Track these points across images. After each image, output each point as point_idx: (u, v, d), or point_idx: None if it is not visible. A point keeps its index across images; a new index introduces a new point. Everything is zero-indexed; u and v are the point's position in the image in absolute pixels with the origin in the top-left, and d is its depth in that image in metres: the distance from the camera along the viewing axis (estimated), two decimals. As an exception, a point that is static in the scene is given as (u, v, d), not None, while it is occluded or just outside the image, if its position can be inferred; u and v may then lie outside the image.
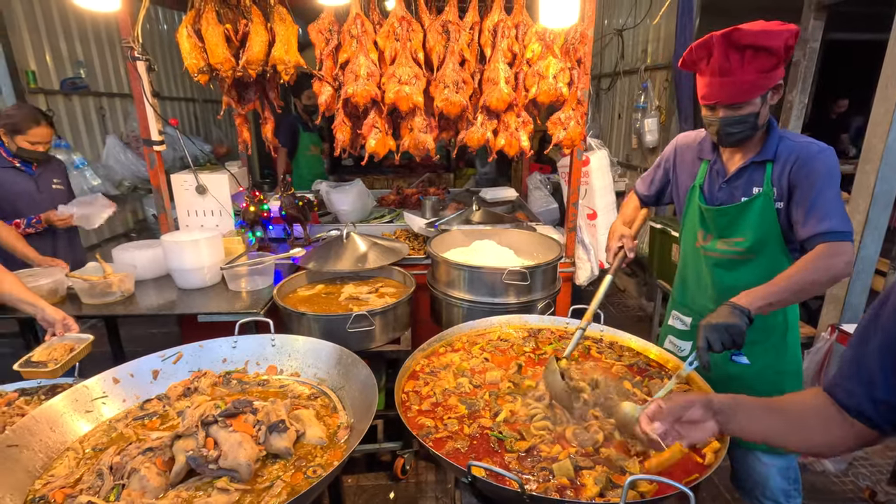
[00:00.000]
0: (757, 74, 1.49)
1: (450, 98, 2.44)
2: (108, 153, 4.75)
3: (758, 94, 1.52)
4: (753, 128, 1.59)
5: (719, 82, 1.53)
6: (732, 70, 1.49)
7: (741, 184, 1.70)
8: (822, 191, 1.53)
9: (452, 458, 1.32)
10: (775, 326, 1.77)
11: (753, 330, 1.66)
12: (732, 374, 1.77)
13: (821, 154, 1.58)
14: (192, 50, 2.31)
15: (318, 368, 1.81)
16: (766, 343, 1.77)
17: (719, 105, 1.57)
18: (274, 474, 1.33)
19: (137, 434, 1.49)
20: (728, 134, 1.61)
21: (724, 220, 1.74)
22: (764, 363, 1.77)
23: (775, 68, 1.50)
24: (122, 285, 2.48)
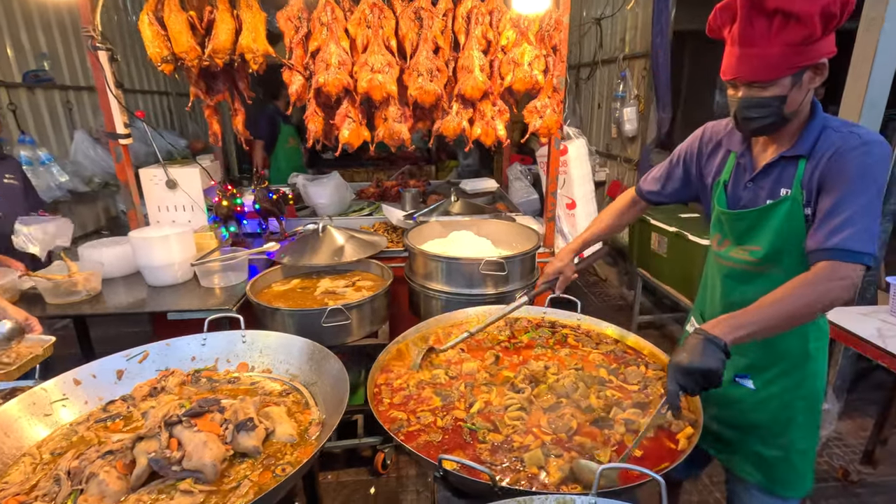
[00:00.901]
0: (785, 47, 1.19)
1: (424, 86, 2.40)
2: (77, 149, 4.60)
3: (786, 72, 1.22)
4: (778, 114, 1.29)
5: (740, 54, 1.25)
6: (756, 40, 1.21)
7: (768, 183, 1.42)
8: (848, 195, 1.24)
9: (424, 452, 1.30)
10: (788, 356, 1.50)
11: (759, 353, 1.49)
12: (734, 398, 1.58)
13: (862, 147, 1.25)
14: (155, 38, 2.23)
15: (291, 364, 1.77)
16: (774, 370, 1.52)
17: (739, 82, 1.29)
18: (241, 474, 1.29)
19: (99, 437, 1.43)
20: (746, 119, 1.33)
21: (743, 225, 1.48)
22: (771, 392, 1.53)
23: (811, 42, 1.18)
24: (88, 284, 2.40)
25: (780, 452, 1.52)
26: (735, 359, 1.53)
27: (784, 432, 1.52)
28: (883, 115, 2.64)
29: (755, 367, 1.55)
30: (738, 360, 1.56)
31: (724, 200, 1.53)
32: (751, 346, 1.48)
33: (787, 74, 1.23)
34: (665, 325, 4.40)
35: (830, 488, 2.63)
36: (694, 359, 1.17)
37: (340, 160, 6.75)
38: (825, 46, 1.22)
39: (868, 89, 2.55)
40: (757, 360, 1.54)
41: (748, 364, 1.56)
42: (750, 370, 1.56)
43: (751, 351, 1.53)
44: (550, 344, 1.86)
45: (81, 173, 4.56)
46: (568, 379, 1.58)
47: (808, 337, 1.49)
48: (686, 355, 1.18)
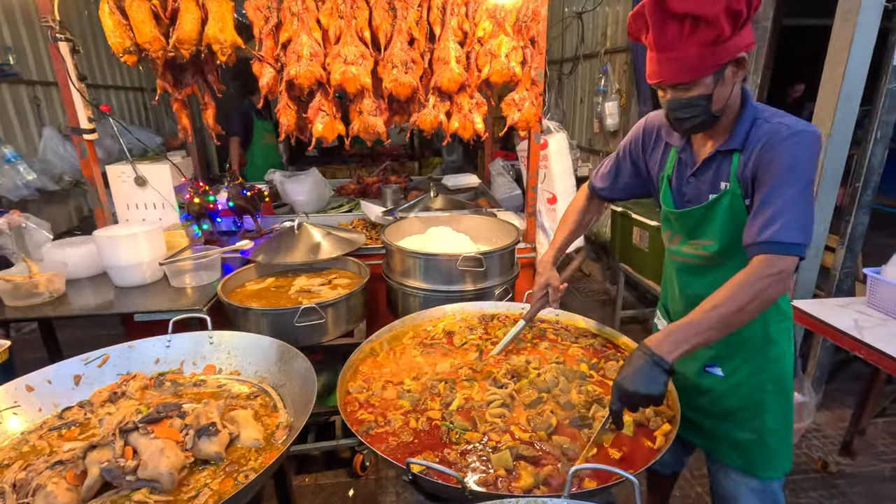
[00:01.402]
0: (700, 48, 1.20)
1: (399, 79, 2.34)
2: (46, 146, 4.45)
3: (706, 71, 1.24)
4: (706, 113, 1.30)
5: (659, 58, 1.27)
6: (671, 44, 1.23)
7: (708, 178, 1.43)
8: (777, 187, 1.24)
9: (393, 454, 1.25)
10: (751, 342, 1.53)
11: (723, 342, 1.46)
12: (705, 386, 1.61)
13: (790, 139, 1.26)
14: (116, 28, 2.13)
15: (260, 366, 1.71)
16: (739, 357, 1.56)
17: (664, 85, 1.31)
18: (201, 482, 1.23)
19: (52, 446, 1.36)
20: (678, 119, 1.34)
21: (691, 221, 1.50)
22: (739, 378, 1.56)
23: (724, 40, 1.20)
24: (51, 285, 2.30)
25: (754, 435, 1.55)
26: (702, 351, 1.56)
27: (756, 415, 1.55)
28: (858, 109, 2.65)
29: (721, 356, 1.58)
30: (705, 352, 1.58)
31: (670, 198, 1.54)
32: None
33: (707, 73, 1.25)
34: (648, 318, 4.41)
35: (810, 480, 2.64)
36: (639, 384, 1.19)
37: (322, 157, 6.70)
38: (741, 41, 1.23)
39: (843, 84, 2.56)
40: (722, 349, 1.57)
41: (715, 354, 1.58)
42: (717, 359, 1.59)
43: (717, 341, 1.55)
44: (529, 339, 1.82)
45: (51, 171, 4.41)
46: (549, 374, 1.55)
47: (767, 321, 1.52)
48: (631, 379, 1.20)
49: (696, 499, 2.53)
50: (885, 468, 2.71)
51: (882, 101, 2.64)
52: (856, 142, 2.74)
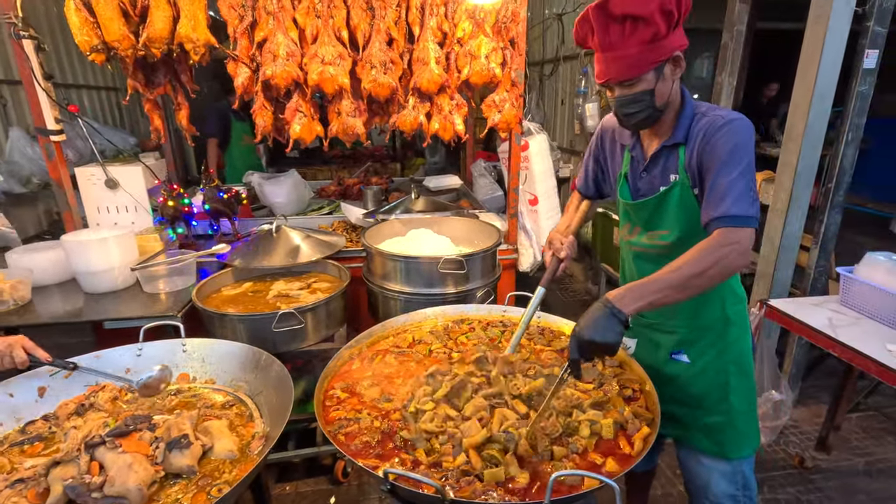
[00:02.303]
0: (640, 46, 1.31)
1: (378, 79, 2.31)
2: (12, 147, 4.30)
3: (647, 68, 1.34)
4: (651, 107, 1.40)
5: (604, 58, 1.37)
6: (614, 44, 1.33)
7: (658, 172, 1.54)
8: (721, 170, 1.35)
9: (373, 465, 1.22)
10: (712, 325, 1.61)
11: (685, 327, 1.62)
12: (672, 374, 1.66)
13: (725, 127, 1.37)
14: (83, 25, 2.06)
15: (235, 374, 1.66)
16: (703, 341, 1.63)
17: (611, 83, 1.41)
18: (172, 497, 1.19)
19: (13, 463, 1.30)
20: (626, 115, 1.44)
21: (646, 213, 1.59)
22: (705, 362, 1.63)
23: (659, 38, 1.30)
24: (15, 292, 2.21)
25: (723, 417, 1.61)
26: (666, 338, 1.68)
27: (723, 398, 1.61)
28: (830, 110, 2.71)
29: (686, 342, 1.64)
30: (669, 339, 1.67)
31: (627, 192, 1.63)
32: (678, 324, 1.64)
33: (648, 70, 1.35)
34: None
35: (787, 476, 2.68)
36: (595, 333, 1.24)
37: (302, 158, 6.60)
38: (675, 41, 1.34)
39: (816, 86, 2.61)
40: (685, 335, 1.63)
41: (679, 340, 1.65)
42: (682, 345, 1.65)
43: (679, 328, 1.64)
44: (496, 343, 1.80)
45: (18, 173, 4.26)
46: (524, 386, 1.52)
47: (724, 303, 1.60)
48: (588, 328, 1.25)
49: (679, 496, 2.55)
50: (860, 462, 2.77)
51: (853, 104, 2.70)
52: (828, 143, 2.80)
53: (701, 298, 1.52)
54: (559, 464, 1.21)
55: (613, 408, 1.40)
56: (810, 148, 2.71)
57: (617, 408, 1.40)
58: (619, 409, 1.40)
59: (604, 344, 1.24)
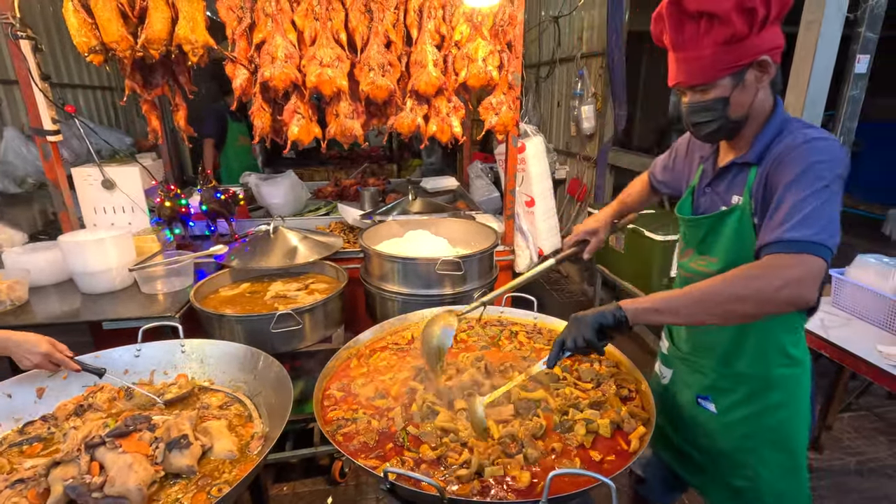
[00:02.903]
0: (716, 48, 1.16)
1: (376, 81, 2.32)
2: (7, 147, 4.27)
3: (722, 73, 1.18)
4: (723, 118, 1.23)
5: (676, 59, 1.25)
6: (686, 44, 1.20)
7: (722, 189, 1.36)
8: (789, 189, 1.13)
9: (372, 465, 1.23)
10: (746, 379, 1.39)
11: (715, 372, 1.43)
12: (699, 420, 1.50)
13: (804, 146, 1.16)
14: (82, 27, 2.06)
15: (233, 374, 1.67)
16: (734, 395, 1.41)
17: (682, 87, 1.28)
18: (172, 497, 1.20)
19: (12, 463, 1.30)
20: (695, 124, 1.29)
21: (699, 232, 1.40)
22: (733, 419, 1.42)
23: (738, 40, 1.14)
24: (13, 293, 2.21)
25: (748, 483, 1.44)
26: (695, 377, 1.50)
27: (749, 463, 1.43)
28: (822, 114, 2.75)
29: (716, 389, 1.46)
30: (699, 380, 1.49)
31: (689, 206, 1.47)
32: (708, 365, 1.46)
33: (723, 75, 1.19)
34: (624, 319, 4.47)
35: (780, 474, 2.71)
36: (588, 314, 1.20)
37: (299, 159, 6.61)
38: (762, 42, 1.15)
39: (808, 89, 2.65)
40: (716, 381, 1.45)
41: (709, 385, 1.47)
42: (710, 391, 1.47)
43: (709, 370, 1.46)
44: (495, 341, 1.82)
45: (13, 173, 4.23)
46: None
47: (768, 359, 1.37)
48: (584, 312, 1.21)
49: None
50: (851, 461, 2.80)
51: (845, 108, 2.74)
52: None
53: (736, 344, 1.38)
54: (557, 462, 1.23)
55: (611, 407, 1.42)
56: (803, 151, 2.75)
57: (614, 407, 1.42)
58: (616, 409, 1.41)
59: (588, 322, 1.17)
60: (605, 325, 1.17)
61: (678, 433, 1.41)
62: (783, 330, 1.35)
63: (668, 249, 3.31)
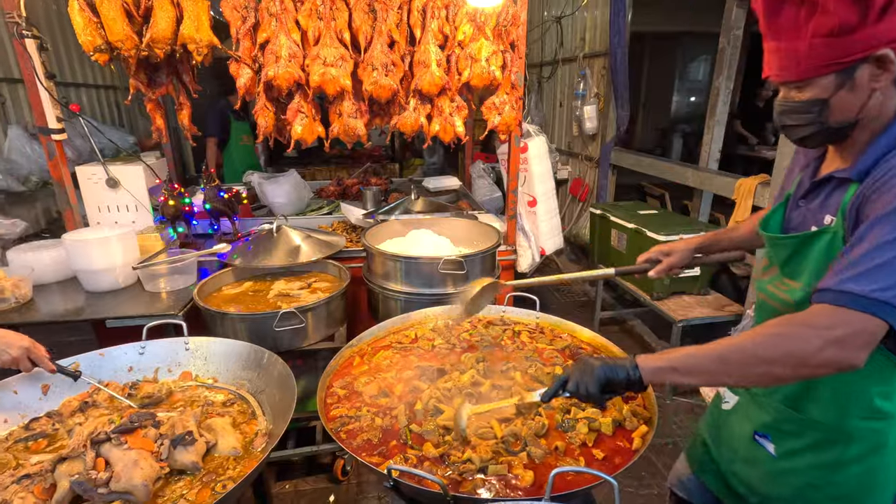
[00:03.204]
0: (815, 39, 0.96)
1: (379, 81, 2.33)
2: (11, 146, 4.29)
3: (823, 70, 0.98)
4: (818, 123, 1.04)
5: (768, 48, 1.06)
6: (782, 31, 1.01)
7: (816, 206, 1.15)
8: (878, 224, 0.93)
9: (376, 462, 1.24)
10: (817, 426, 1.18)
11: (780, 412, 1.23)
12: (755, 458, 1.31)
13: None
14: (87, 26, 2.07)
15: (237, 372, 1.68)
16: (799, 440, 1.21)
17: (773, 81, 1.09)
18: (177, 493, 1.21)
19: (18, 459, 1.31)
20: (785, 127, 1.11)
21: (782, 253, 1.20)
22: (794, 465, 1.22)
23: (847, 31, 0.94)
24: (17, 290, 2.22)
25: None
26: (757, 413, 1.30)
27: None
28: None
29: (777, 430, 1.26)
30: (759, 415, 1.30)
31: (779, 220, 1.26)
32: (771, 403, 1.25)
33: (824, 73, 0.99)
34: (626, 320, 4.47)
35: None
36: (598, 360, 1.09)
37: (301, 158, 6.62)
38: (881, 33, 0.93)
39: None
40: (779, 421, 1.25)
41: (769, 423, 1.27)
42: (771, 431, 1.27)
43: (770, 407, 1.26)
44: (498, 341, 1.82)
45: (17, 172, 4.26)
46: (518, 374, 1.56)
47: (847, 412, 1.14)
48: (597, 359, 1.11)
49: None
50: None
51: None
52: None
53: (806, 387, 1.17)
54: (560, 460, 1.24)
55: (612, 406, 1.42)
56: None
57: (616, 406, 1.42)
58: (618, 407, 1.42)
59: (590, 371, 1.06)
60: (615, 381, 1.06)
61: (729, 464, 1.28)
62: (871, 380, 1.10)
63: (670, 250, 3.31)
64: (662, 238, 3.29)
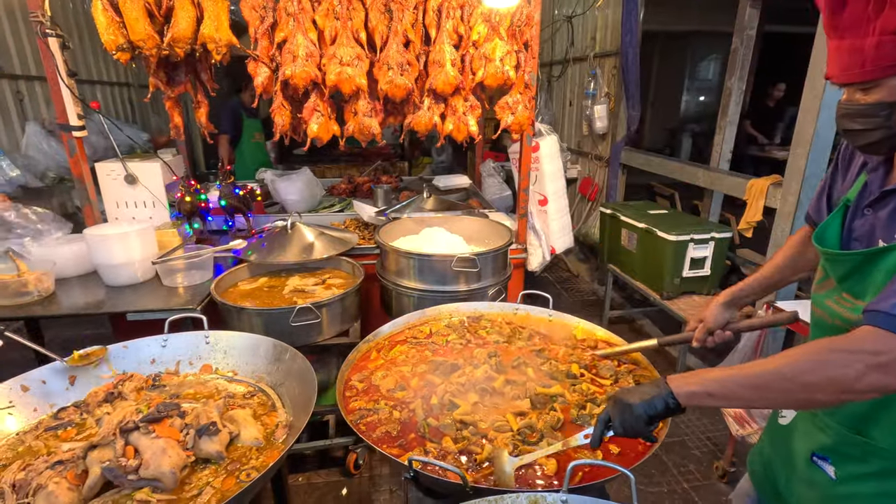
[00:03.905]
0: (884, 37, 0.91)
1: (394, 80, 2.35)
2: (28, 142, 4.36)
3: (892, 70, 0.93)
4: (886, 127, 0.98)
5: (831, 47, 1.01)
6: (846, 28, 0.96)
7: (885, 216, 1.05)
8: None
9: (396, 454, 1.27)
10: (884, 450, 1.08)
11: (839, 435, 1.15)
12: (811, 480, 1.22)
13: None
14: (109, 25, 2.11)
15: (257, 365, 1.71)
16: (865, 464, 1.11)
17: (835, 82, 1.03)
18: (203, 481, 1.24)
19: (49, 447, 1.35)
20: (847, 131, 1.04)
21: (843, 269, 1.11)
22: (856, 491, 1.13)
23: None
24: (40, 284, 2.27)
25: None
26: (815, 433, 1.22)
27: None
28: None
29: (838, 453, 1.17)
30: (816, 435, 1.21)
31: (836, 230, 1.15)
32: (831, 423, 1.17)
33: (890, 74, 0.94)
34: (635, 319, 4.49)
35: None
36: (634, 395, 1.04)
37: (311, 156, 6.67)
38: None
39: (826, 90, 2.64)
40: (839, 443, 1.16)
41: (829, 445, 1.18)
42: (831, 454, 1.18)
43: (830, 429, 1.17)
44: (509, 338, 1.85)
45: (34, 168, 4.32)
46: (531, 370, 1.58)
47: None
48: (629, 391, 1.07)
49: (682, 494, 2.59)
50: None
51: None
52: (836, 147, 2.83)
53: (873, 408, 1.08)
54: (578, 452, 1.26)
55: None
56: (819, 153, 2.75)
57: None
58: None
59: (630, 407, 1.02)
60: (655, 415, 1.02)
61: (786, 484, 1.22)
62: None
63: (681, 249, 3.32)
64: (673, 238, 3.30)
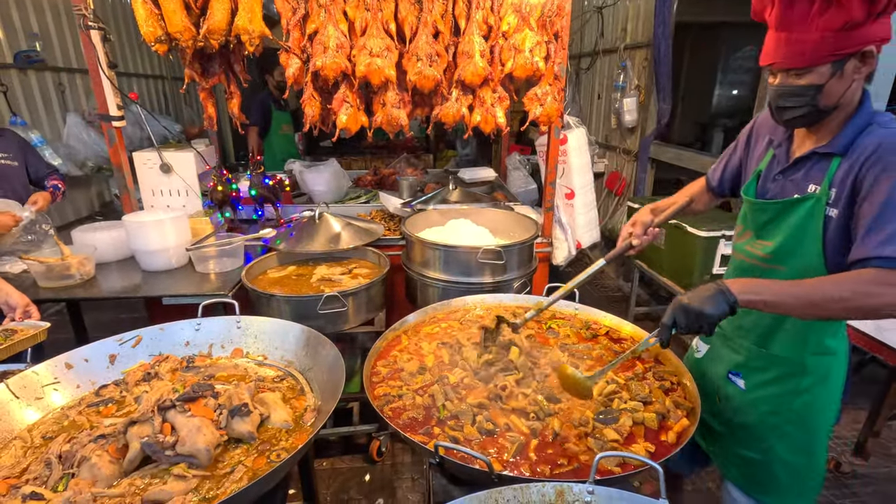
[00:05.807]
0: (825, 32, 1.12)
1: (423, 71, 2.36)
2: (69, 132, 4.53)
3: (825, 60, 1.15)
4: (812, 105, 1.21)
5: (776, 38, 1.20)
6: (795, 23, 1.15)
7: (798, 178, 1.34)
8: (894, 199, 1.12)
9: (420, 437, 1.29)
10: (781, 362, 1.46)
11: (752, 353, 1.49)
12: (726, 394, 1.58)
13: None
14: (149, 17, 2.17)
15: (286, 350, 1.75)
16: (765, 374, 1.48)
17: (775, 68, 1.24)
18: (235, 459, 1.28)
19: (91, 421, 1.42)
20: (780, 108, 1.27)
21: (764, 217, 1.42)
22: (760, 396, 1.49)
23: (851, 27, 1.11)
24: (82, 268, 2.37)
25: (760, 456, 1.50)
26: (730, 355, 1.57)
27: (766, 437, 1.49)
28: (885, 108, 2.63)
29: (748, 367, 1.52)
30: (732, 357, 1.57)
31: (754, 190, 1.47)
32: (744, 345, 1.53)
33: (825, 62, 1.16)
34: (661, 316, 4.41)
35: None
36: (696, 301, 1.19)
37: (338, 148, 6.74)
38: (872, 33, 1.12)
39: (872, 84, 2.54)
40: (749, 359, 1.52)
41: (741, 363, 1.54)
42: (742, 369, 1.54)
43: (744, 349, 1.53)
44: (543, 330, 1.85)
45: (74, 157, 4.49)
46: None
47: (804, 348, 1.42)
48: (692, 295, 1.21)
49: (708, 494, 2.55)
50: (899, 470, 2.71)
51: None
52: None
53: (774, 328, 1.43)
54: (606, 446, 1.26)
55: (655, 400, 1.43)
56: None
57: (657, 399, 1.43)
58: (659, 399, 1.43)
59: (700, 311, 1.16)
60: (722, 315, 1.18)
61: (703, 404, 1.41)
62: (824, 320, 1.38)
63: (711, 245, 3.25)
64: (703, 234, 3.22)
